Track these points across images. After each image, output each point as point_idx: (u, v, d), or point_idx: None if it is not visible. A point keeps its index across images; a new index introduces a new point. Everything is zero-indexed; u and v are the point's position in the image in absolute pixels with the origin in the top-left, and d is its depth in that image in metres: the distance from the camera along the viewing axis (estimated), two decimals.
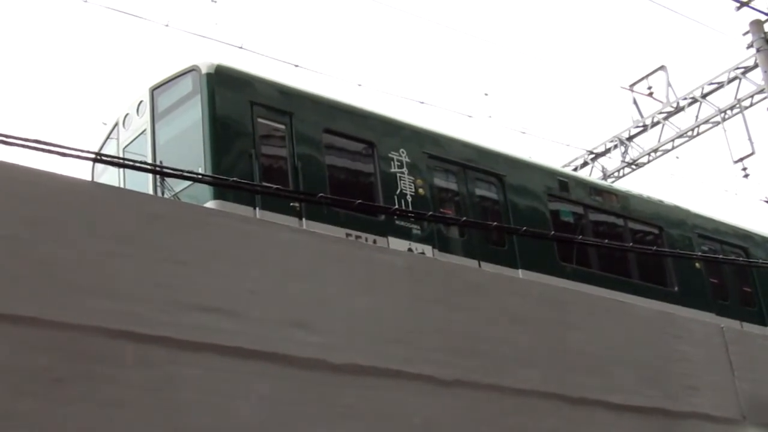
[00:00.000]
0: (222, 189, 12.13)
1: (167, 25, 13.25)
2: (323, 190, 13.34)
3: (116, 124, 14.83)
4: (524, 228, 8.84)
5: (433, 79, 48.36)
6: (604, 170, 27.15)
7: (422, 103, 16.13)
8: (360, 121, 14.58)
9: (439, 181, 15.41)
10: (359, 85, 15.36)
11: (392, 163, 14.46)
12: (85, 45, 42.96)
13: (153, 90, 14.12)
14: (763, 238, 20.76)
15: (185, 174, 9.91)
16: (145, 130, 14.01)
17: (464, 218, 11.63)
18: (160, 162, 13.01)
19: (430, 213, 12.48)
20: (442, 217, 12.81)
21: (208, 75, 13.16)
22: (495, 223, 13.01)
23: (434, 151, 15.32)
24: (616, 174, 27.00)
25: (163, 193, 12.85)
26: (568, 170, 24.29)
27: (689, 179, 25.12)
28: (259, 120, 13.29)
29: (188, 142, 13.19)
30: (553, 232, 13.69)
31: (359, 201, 10.07)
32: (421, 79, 47.55)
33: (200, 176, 11.35)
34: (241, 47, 13.37)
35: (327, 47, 46.52)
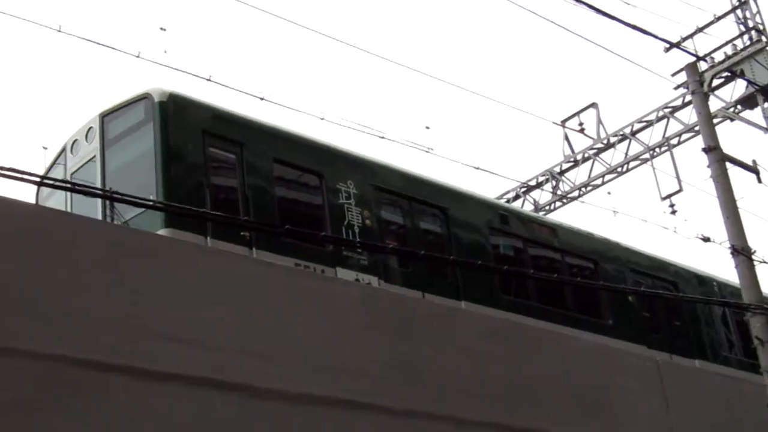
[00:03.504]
0: (173, 217, 12.07)
1: (138, 56, 13.06)
2: (273, 219, 13.37)
3: (63, 150, 14.65)
4: (505, 267, 8.98)
5: (386, 112, 48.71)
6: (536, 203, 27.51)
7: (382, 137, 16.14)
8: (309, 152, 14.65)
9: (386, 213, 15.54)
10: (322, 118, 15.37)
11: (340, 194, 14.55)
12: (33, 69, 42.30)
13: (103, 116, 14.00)
14: (691, 273, 21.27)
15: (140, 200, 9.91)
16: (94, 157, 13.87)
17: (452, 257, 11.76)
18: (110, 189, 12.89)
19: (423, 252, 12.61)
20: (429, 256, 12.92)
21: (161, 103, 13.11)
22: (479, 262, 13.13)
23: (381, 182, 15.44)
24: (547, 207, 27.39)
25: (112, 220, 12.73)
26: (507, 204, 24.62)
27: (624, 215, 25.46)
28: (211, 149, 13.28)
29: (139, 170, 13.10)
30: (532, 271, 13.87)
31: (324, 233, 10.14)
32: (373, 109, 47.80)
33: (154, 203, 11.27)
34: (209, 78, 13.25)
35: (292, 80, 46.55)
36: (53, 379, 7.96)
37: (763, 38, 22.96)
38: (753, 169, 15.14)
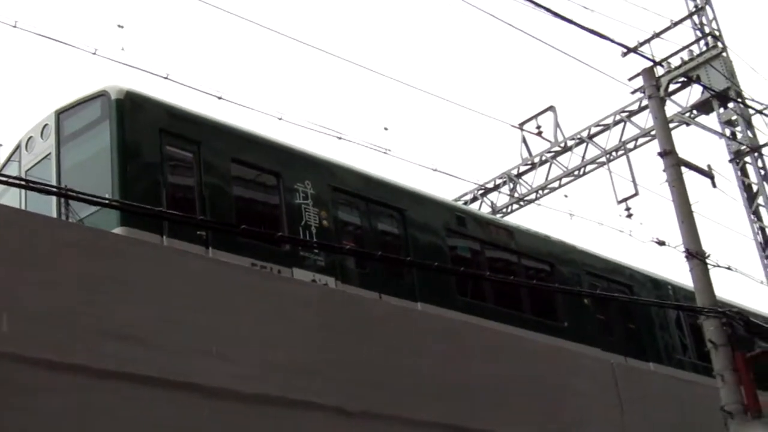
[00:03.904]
0: (129, 216, 11.98)
1: (95, 53, 12.93)
2: (230, 218, 13.31)
3: (18, 147, 14.48)
4: (462, 268, 8.99)
5: (344, 113, 48.65)
6: (493, 205, 27.64)
7: (340, 138, 16.10)
8: (267, 152, 14.60)
9: (343, 214, 15.52)
10: (280, 118, 15.33)
11: (297, 194, 14.51)
12: None
13: (59, 113, 13.85)
14: (646, 276, 21.45)
15: (95, 199, 9.81)
16: (49, 154, 13.73)
17: (409, 258, 11.72)
18: (65, 186, 12.76)
19: (380, 253, 12.62)
20: (386, 257, 12.91)
21: (118, 101, 13.01)
22: (436, 263, 13.15)
23: (338, 183, 15.43)
24: (504, 210, 27.52)
25: (67, 218, 12.60)
26: (464, 206, 24.69)
27: (580, 218, 25.58)
28: (168, 148, 13.19)
29: (95, 168, 12.99)
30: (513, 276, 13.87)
31: (280, 233, 10.10)
32: (331, 110, 47.77)
33: (109, 201, 11.15)
34: (166, 77, 13.16)
35: (249, 80, 46.37)
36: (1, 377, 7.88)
37: (719, 44, 23.27)
38: (708, 173, 15.30)
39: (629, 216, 24.05)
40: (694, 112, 23.84)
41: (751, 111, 23.01)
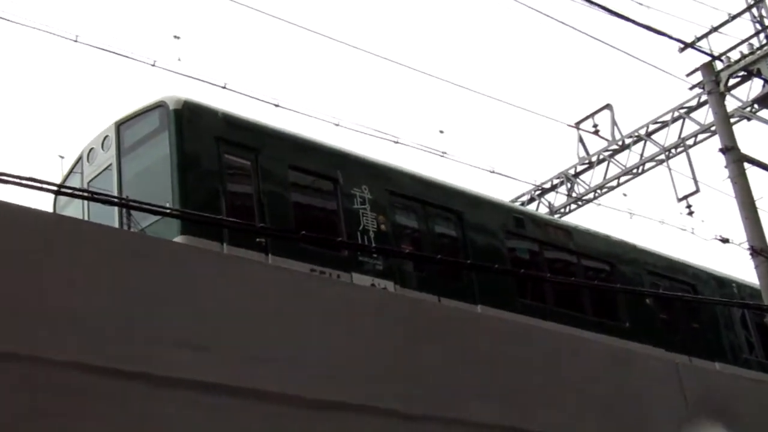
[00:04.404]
0: (189, 224, 12.14)
1: (153, 65, 13.17)
2: (288, 225, 13.43)
3: (80, 159, 14.76)
4: (521, 270, 8.99)
5: (400, 117, 48.81)
6: (550, 206, 27.47)
7: (396, 142, 16.20)
8: (324, 158, 14.70)
9: (401, 218, 15.57)
10: (336, 124, 15.56)
11: (355, 199, 14.59)
12: (50, 78, 42.64)
13: (119, 125, 14.10)
14: (709, 275, 21.19)
15: (156, 208, 9.98)
16: (110, 165, 13.98)
17: (468, 261, 11.70)
18: (126, 197, 12.99)
19: (438, 256, 12.65)
20: (444, 260, 12.93)
21: (176, 111, 13.20)
22: (495, 265, 13.14)
23: (395, 187, 15.48)
24: (562, 210, 27.34)
25: (129, 228, 12.82)
26: (522, 207, 24.58)
27: (640, 216, 25.35)
28: (226, 156, 13.35)
29: (155, 178, 13.19)
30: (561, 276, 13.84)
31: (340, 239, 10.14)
32: (387, 114, 47.95)
33: (169, 210, 11.32)
34: (224, 86, 13.35)
35: (306, 87, 46.75)
36: (68, 387, 8.02)
37: None
38: None
39: (690, 214, 23.84)
40: (755, 106, 23.42)
41: None
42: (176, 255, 9.62)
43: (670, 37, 14.93)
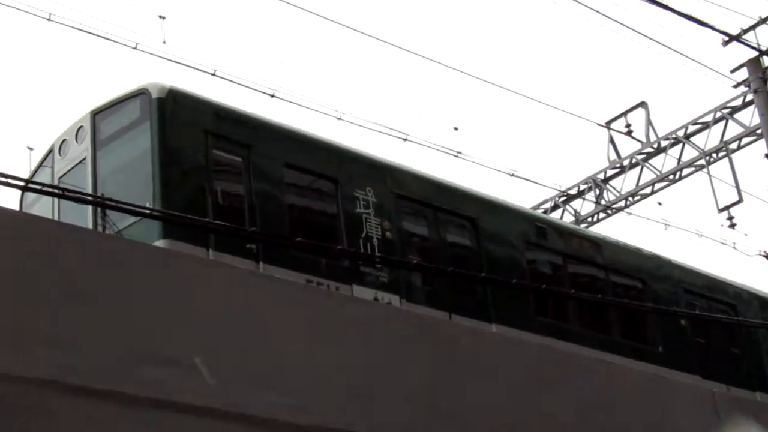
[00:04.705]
0: (172, 227, 12.06)
1: (135, 47, 13.10)
2: (283, 230, 13.35)
3: (51, 151, 14.69)
4: (543, 285, 8.89)
5: (409, 112, 48.76)
6: (576, 214, 27.38)
7: (406, 139, 16.12)
8: (324, 156, 14.63)
9: (408, 224, 15.49)
10: (339, 118, 15.55)
11: (358, 202, 14.52)
12: (20, 61, 42.61)
13: (95, 114, 14.02)
14: (752, 295, 21.09)
15: (135, 208, 9.90)
16: (84, 159, 13.90)
17: (482, 274, 11.63)
18: (102, 195, 12.92)
19: (450, 268, 12.58)
20: (456, 273, 12.87)
21: (159, 100, 13.12)
22: (514, 280, 13.06)
23: (403, 190, 15.40)
24: (589, 219, 27.26)
25: (104, 229, 12.75)
26: (545, 214, 24.50)
27: (676, 228, 25.20)
28: (215, 152, 13.27)
29: (134, 174, 13.12)
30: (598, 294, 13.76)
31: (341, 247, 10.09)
32: (395, 108, 47.91)
33: (150, 211, 11.23)
34: (214, 73, 13.27)
35: (306, 76, 46.71)
36: (33, 406, 7.96)
37: None
38: None
39: (732, 226, 23.78)
40: None
41: None
42: (163, 262, 9.58)
43: (713, 29, 14.83)
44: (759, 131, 22.55)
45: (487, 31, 54.67)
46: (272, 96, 14.57)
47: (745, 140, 24.34)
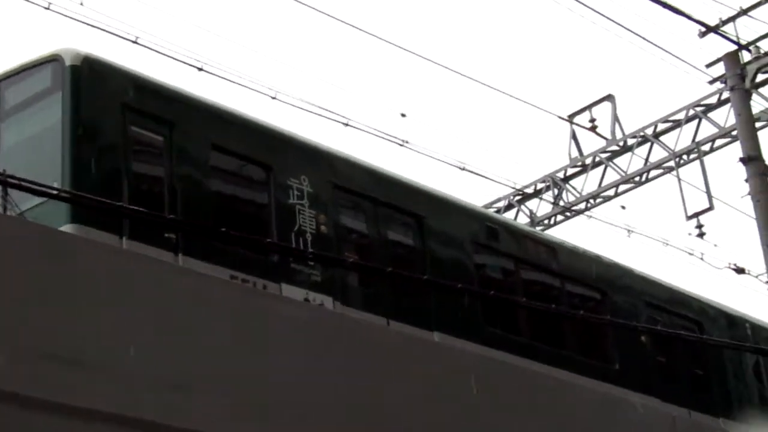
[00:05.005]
0: (82, 210, 11.99)
1: (48, 8, 12.98)
2: (207, 219, 13.32)
3: None
4: (492, 292, 8.98)
5: (352, 94, 48.70)
6: (532, 215, 27.54)
7: (347, 125, 16.13)
8: (256, 138, 14.61)
9: (347, 219, 15.52)
10: (273, 97, 15.56)
11: (291, 192, 14.51)
12: None
13: (0, 81, 13.89)
14: (719, 311, 21.36)
15: (41, 188, 9.82)
16: None
17: (426, 276, 11.67)
18: (3, 171, 12.80)
19: (390, 269, 12.53)
20: (397, 274, 12.86)
21: (73, 67, 13.03)
22: (459, 285, 13.11)
23: (342, 180, 15.42)
24: (546, 221, 27.42)
25: (5, 210, 12.62)
26: (498, 214, 24.62)
27: (640, 235, 25.44)
28: (133, 128, 13.21)
29: (42, 150, 13.03)
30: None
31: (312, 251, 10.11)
32: (336, 89, 47.88)
33: (57, 191, 11.15)
34: (135, 41, 13.19)
35: (238, 48, 46.42)
36: None
37: None
38: None
39: (701, 235, 24.03)
40: None
41: None
42: (70, 249, 9.53)
43: (690, 18, 15.03)
44: (734, 133, 22.76)
45: (445, 12, 54.83)
46: (200, 69, 14.53)
47: (718, 142, 24.59)
